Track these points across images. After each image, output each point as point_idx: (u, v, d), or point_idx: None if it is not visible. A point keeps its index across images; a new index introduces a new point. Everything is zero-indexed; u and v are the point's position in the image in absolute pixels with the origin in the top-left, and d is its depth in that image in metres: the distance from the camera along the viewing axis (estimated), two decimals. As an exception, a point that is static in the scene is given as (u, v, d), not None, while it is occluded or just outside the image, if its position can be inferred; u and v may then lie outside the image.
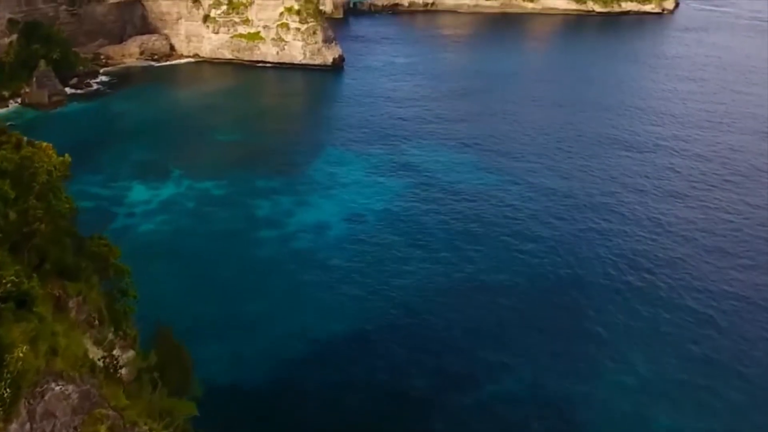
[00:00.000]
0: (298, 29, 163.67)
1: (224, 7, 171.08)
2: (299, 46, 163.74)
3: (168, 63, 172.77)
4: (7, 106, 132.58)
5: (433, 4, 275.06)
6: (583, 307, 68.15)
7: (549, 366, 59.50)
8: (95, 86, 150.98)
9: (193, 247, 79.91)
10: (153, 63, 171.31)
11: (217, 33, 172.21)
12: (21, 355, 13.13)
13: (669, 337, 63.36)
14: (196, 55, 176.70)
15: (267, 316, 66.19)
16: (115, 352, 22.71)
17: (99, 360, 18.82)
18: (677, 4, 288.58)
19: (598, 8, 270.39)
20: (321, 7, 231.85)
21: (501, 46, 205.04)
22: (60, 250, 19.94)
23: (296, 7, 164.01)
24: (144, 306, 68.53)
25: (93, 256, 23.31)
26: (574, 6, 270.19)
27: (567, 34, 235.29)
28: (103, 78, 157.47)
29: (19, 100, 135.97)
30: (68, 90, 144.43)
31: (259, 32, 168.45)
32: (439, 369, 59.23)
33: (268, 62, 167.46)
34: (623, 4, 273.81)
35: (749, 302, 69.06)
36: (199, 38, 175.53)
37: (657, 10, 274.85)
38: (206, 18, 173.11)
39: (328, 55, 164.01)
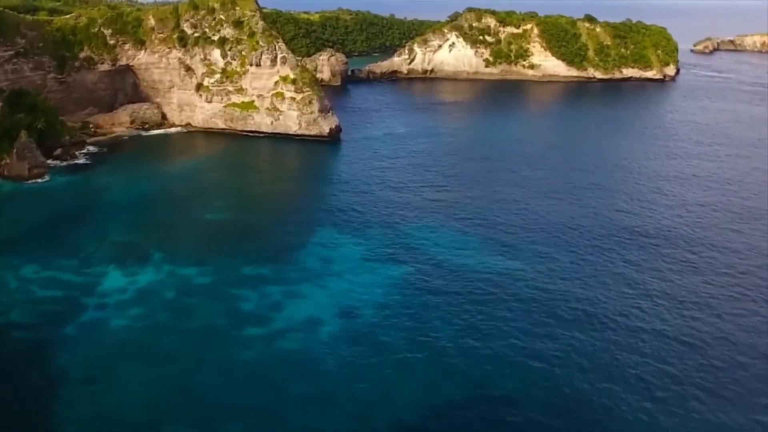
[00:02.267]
0: (293, 99, 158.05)
1: (218, 76, 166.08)
2: (294, 116, 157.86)
3: (158, 132, 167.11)
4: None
5: (432, 71, 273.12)
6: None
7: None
8: (81, 157, 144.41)
9: (168, 349, 70.89)
10: (143, 132, 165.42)
11: (210, 102, 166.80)
12: None
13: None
14: (188, 125, 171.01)
15: (246, 441, 56.89)
16: None
17: None
18: (678, 71, 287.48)
19: (599, 75, 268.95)
20: (318, 75, 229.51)
21: (502, 115, 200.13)
22: None
23: (292, 76, 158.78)
24: (107, 423, 60.15)
25: None
26: (574, 72, 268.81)
27: (569, 102, 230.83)
28: (90, 148, 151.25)
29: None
30: (52, 162, 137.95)
31: (253, 101, 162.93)
32: None
33: (263, 132, 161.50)
34: (624, 71, 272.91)
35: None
36: (191, 107, 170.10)
37: (658, 76, 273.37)
38: (199, 86, 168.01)
39: (325, 126, 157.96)
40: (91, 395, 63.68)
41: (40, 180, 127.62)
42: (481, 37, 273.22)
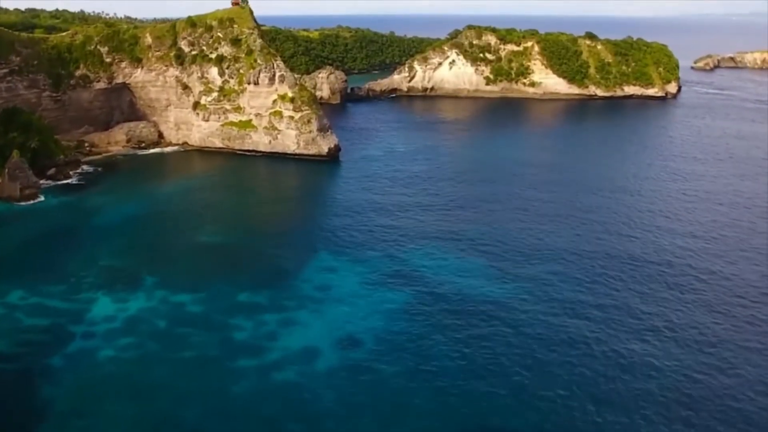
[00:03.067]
0: (291, 117, 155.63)
1: (215, 94, 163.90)
2: (293, 135, 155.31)
3: (155, 151, 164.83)
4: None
5: (432, 89, 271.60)
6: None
7: None
8: (75, 177, 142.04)
9: (157, 381, 67.62)
10: (139, 151, 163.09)
11: (207, 120, 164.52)
12: None
13: None
14: (185, 143, 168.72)
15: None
16: None
17: None
18: (680, 88, 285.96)
19: (600, 92, 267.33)
20: (317, 92, 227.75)
21: (503, 134, 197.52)
22: None
23: (290, 94, 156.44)
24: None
25: None
26: (576, 90, 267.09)
27: (570, 120, 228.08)
28: (85, 167, 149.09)
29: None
30: (44, 182, 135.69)
31: (251, 120, 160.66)
32: None
33: (260, 152, 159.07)
34: (626, 88, 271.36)
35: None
36: (188, 126, 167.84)
37: (660, 93, 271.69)
38: (196, 105, 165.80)
39: (323, 145, 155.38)
40: (76, 431, 60.49)
41: (32, 201, 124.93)
42: (481, 55, 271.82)
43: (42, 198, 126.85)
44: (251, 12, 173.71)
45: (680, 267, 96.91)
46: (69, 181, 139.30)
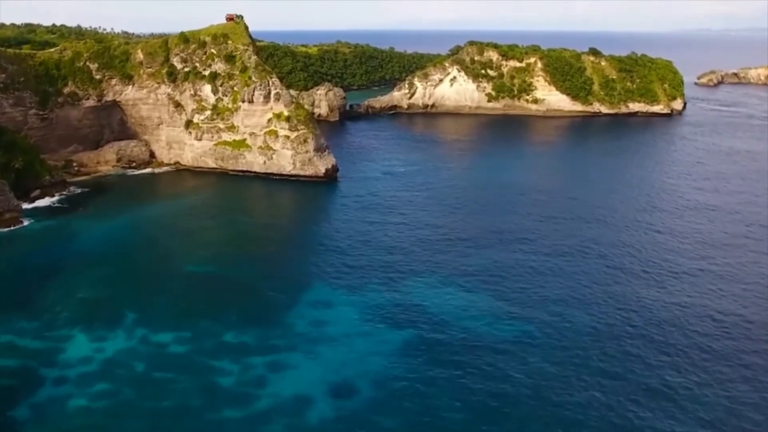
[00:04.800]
0: (287, 137, 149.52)
1: (208, 113, 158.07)
2: (288, 156, 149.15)
3: (146, 171, 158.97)
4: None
5: (433, 106, 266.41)
6: None
7: None
8: (60, 199, 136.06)
9: (131, 437, 61.16)
10: (129, 171, 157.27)
11: (200, 140, 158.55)
12: None
13: None
14: (177, 163, 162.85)
15: None
16: None
17: None
18: (685, 105, 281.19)
19: (604, 109, 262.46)
20: (316, 110, 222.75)
21: (506, 153, 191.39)
22: None
23: (286, 113, 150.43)
24: None
25: None
26: (579, 107, 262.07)
27: (575, 140, 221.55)
28: (73, 188, 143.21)
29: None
30: (27, 205, 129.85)
31: (245, 140, 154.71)
32: None
33: (254, 172, 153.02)
34: (631, 105, 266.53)
35: None
36: (180, 145, 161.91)
37: (665, 110, 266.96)
38: (189, 123, 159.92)
39: (320, 166, 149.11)
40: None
41: (13, 226, 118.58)
42: (483, 71, 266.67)
43: (25, 222, 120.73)
44: (246, 28, 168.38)
45: (696, 308, 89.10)
46: (55, 201, 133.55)
